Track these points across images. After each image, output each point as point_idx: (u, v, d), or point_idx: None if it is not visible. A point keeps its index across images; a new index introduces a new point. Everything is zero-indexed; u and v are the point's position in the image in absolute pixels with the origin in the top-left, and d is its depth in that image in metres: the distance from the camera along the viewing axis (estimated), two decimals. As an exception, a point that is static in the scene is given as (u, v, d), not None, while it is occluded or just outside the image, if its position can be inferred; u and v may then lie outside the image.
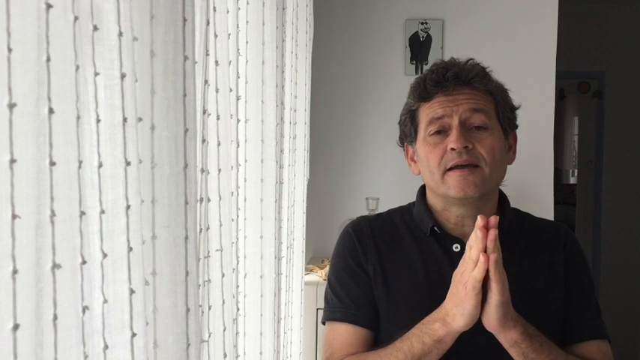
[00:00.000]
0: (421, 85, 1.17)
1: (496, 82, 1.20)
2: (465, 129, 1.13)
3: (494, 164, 1.13)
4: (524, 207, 1.30)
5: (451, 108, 1.14)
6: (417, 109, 1.19)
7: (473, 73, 1.15)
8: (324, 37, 2.49)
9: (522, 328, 1.03)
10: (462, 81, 1.15)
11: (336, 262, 1.26)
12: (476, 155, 1.12)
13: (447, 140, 1.13)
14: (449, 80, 1.14)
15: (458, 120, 1.13)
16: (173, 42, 0.74)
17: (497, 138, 1.15)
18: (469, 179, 1.11)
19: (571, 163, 6.78)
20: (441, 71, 1.16)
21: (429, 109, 1.16)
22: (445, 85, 1.15)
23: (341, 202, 2.64)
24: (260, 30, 1.37)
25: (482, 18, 2.58)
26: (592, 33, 4.27)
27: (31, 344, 0.51)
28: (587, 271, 1.24)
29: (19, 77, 0.49)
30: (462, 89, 1.15)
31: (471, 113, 1.13)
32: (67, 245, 0.55)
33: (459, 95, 1.15)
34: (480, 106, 1.14)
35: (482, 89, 1.16)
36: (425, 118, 1.17)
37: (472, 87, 1.15)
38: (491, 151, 1.13)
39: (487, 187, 1.15)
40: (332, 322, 1.22)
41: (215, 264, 0.99)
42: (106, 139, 0.64)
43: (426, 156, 1.16)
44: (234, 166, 1.12)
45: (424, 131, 1.17)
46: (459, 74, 1.15)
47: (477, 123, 1.14)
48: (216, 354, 1.00)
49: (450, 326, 1.03)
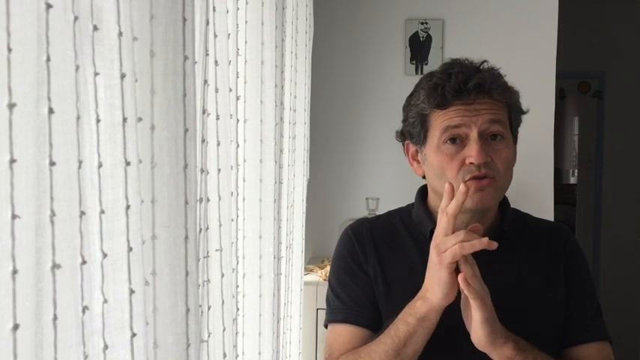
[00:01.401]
0: (439, 91, 1.12)
1: (512, 89, 1.17)
2: (482, 140, 1.11)
3: (507, 175, 1.14)
4: (524, 207, 1.30)
5: (470, 118, 1.10)
6: (430, 114, 1.15)
7: (495, 84, 1.12)
8: (324, 37, 2.49)
9: (514, 344, 1.03)
10: (483, 91, 1.11)
11: (337, 264, 1.26)
12: (493, 168, 1.11)
13: (465, 152, 1.10)
14: (470, 90, 1.10)
15: (477, 132, 1.10)
16: (173, 42, 0.74)
17: (510, 147, 1.15)
18: (487, 191, 1.10)
19: (571, 163, 6.78)
20: (461, 78, 1.10)
21: (445, 116, 1.12)
22: (466, 94, 1.10)
23: (341, 202, 2.63)
24: (259, 30, 1.37)
25: (482, 18, 2.58)
26: (592, 33, 4.27)
27: (31, 344, 0.51)
28: (587, 272, 1.24)
29: (19, 77, 0.49)
30: (483, 99, 1.11)
31: (489, 124, 1.11)
32: (66, 245, 0.55)
33: (479, 105, 1.11)
34: (498, 116, 1.12)
35: (501, 99, 1.14)
36: (439, 125, 1.13)
37: (492, 97, 1.12)
38: (506, 164, 1.12)
39: (500, 196, 1.16)
40: (333, 324, 1.22)
41: (215, 264, 0.99)
42: (106, 139, 0.64)
43: (440, 165, 1.13)
44: (234, 166, 1.12)
45: (438, 138, 1.13)
46: (482, 85, 1.10)
47: (494, 132, 1.12)
48: (215, 354, 1.00)
49: (429, 301, 1.04)
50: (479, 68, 1.15)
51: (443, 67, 1.16)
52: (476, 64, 1.16)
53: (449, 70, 1.13)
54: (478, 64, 1.16)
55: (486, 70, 1.15)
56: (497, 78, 1.14)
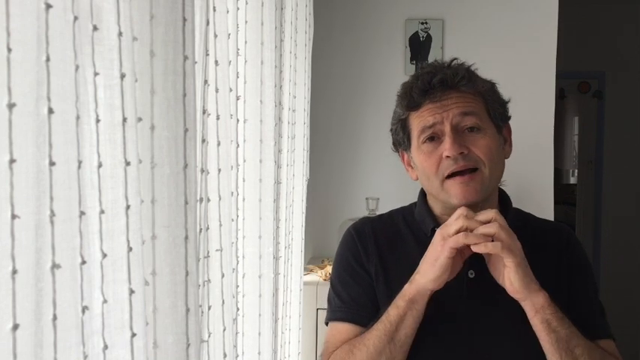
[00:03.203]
0: (408, 94, 1.16)
1: (482, 80, 1.18)
2: (457, 134, 1.12)
3: (492, 164, 1.13)
4: (525, 207, 1.30)
5: (441, 115, 1.13)
6: (407, 118, 1.19)
7: (459, 76, 1.14)
8: (324, 37, 2.49)
9: (547, 294, 1.05)
10: (449, 86, 1.14)
11: (338, 263, 1.27)
12: (473, 159, 1.12)
13: (441, 147, 1.13)
14: (435, 87, 1.13)
15: (449, 126, 1.12)
16: (173, 42, 0.74)
17: (492, 136, 1.15)
18: (470, 185, 1.11)
19: (571, 163, 6.78)
20: (426, 78, 1.14)
21: (419, 117, 1.15)
22: (432, 92, 1.13)
23: (341, 202, 2.63)
24: (259, 30, 1.37)
25: (482, 18, 2.58)
26: (592, 33, 4.27)
27: (30, 344, 0.51)
28: (590, 271, 1.24)
29: (18, 77, 0.49)
30: (450, 94, 1.14)
31: (461, 117, 1.13)
32: (66, 245, 0.55)
33: (447, 101, 1.13)
34: (469, 108, 1.13)
35: (470, 91, 1.15)
36: (416, 127, 1.16)
37: (459, 90, 1.14)
38: (488, 152, 1.13)
39: (489, 188, 1.15)
40: (333, 322, 1.23)
41: (215, 264, 0.99)
42: (106, 139, 0.64)
43: (422, 165, 1.16)
44: (234, 166, 1.12)
45: (417, 140, 1.17)
46: (445, 80, 1.13)
47: (468, 125, 1.13)
48: (215, 354, 1.00)
49: (417, 282, 1.07)
50: (447, 66, 1.18)
51: (415, 72, 1.22)
52: (445, 62, 1.19)
53: (417, 74, 1.18)
54: (447, 62, 1.19)
55: (453, 66, 1.18)
56: (461, 71, 1.16)
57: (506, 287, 1.05)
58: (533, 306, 1.05)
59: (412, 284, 1.08)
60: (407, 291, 1.08)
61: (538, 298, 1.04)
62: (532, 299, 1.04)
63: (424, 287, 1.06)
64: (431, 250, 1.08)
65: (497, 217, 1.03)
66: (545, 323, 1.04)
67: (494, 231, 1.02)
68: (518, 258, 1.03)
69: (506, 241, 1.02)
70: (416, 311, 1.07)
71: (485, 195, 1.14)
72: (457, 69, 1.16)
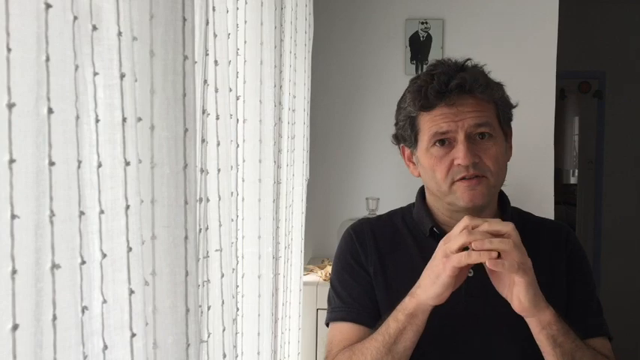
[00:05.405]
0: (422, 93, 1.13)
1: (496, 84, 1.17)
2: (470, 141, 1.12)
3: (498, 172, 1.14)
4: (525, 207, 1.30)
5: (456, 123, 1.11)
6: (417, 117, 1.17)
7: (477, 83, 1.12)
8: (324, 36, 2.49)
9: (554, 310, 1.04)
10: (465, 90, 1.12)
11: (338, 263, 1.27)
12: (482, 168, 1.12)
13: (453, 154, 1.12)
14: (452, 91, 1.11)
15: (464, 135, 1.11)
16: (173, 42, 0.74)
17: (500, 145, 1.15)
18: (477, 189, 1.11)
19: (571, 163, 6.78)
20: (443, 79, 1.11)
21: (432, 121, 1.13)
22: (448, 95, 1.11)
23: (341, 202, 2.63)
24: (258, 30, 1.37)
25: (482, 18, 2.58)
26: (592, 33, 4.27)
27: (30, 344, 0.51)
28: (588, 270, 1.24)
29: (18, 77, 0.49)
30: (466, 99, 1.12)
31: (475, 127, 1.12)
32: (66, 245, 0.55)
33: (462, 107, 1.12)
34: (483, 119, 1.12)
35: (485, 98, 1.14)
36: (427, 130, 1.14)
37: (475, 97, 1.13)
38: (496, 162, 1.13)
39: (493, 194, 1.17)
40: (334, 322, 1.23)
41: (214, 264, 0.99)
42: (106, 139, 0.64)
43: (431, 168, 1.15)
44: (234, 166, 1.12)
45: (427, 142, 1.15)
46: (463, 85, 1.11)
47: (481, 132, 1.13)
48: (215, 354, 1.00)
49: (417, 298, 1.05)
50: (462, 67, 1.16)
51: (427, 69, 1.18)
52: (460, 63, 1.17)
53: (432, 72, 1.15)
54: (462, 63, 1.17)
55: (469, 68, 1.16)
56: (478, 76, 1.14)
57: (513, 304, 1.03)
58: (540, 323, 1.04)
59: (413, 298, 1.06)
60: (408, 305, 1.06)
61: (545, 316, 1.03)
62: (539, 317, 1.03)
63: (425, 303, 1.05)
64: (432, 265, 1.05)
65: (513, 234, 1.00)
66: (551, 339, 1.04)
67: (507, 249, 0.98)
68: (530, 277, 1.00)
69: (520, 260, 0.99)
70: (416, 325, 1.06)
71: (489, 199, 1.16)
72: (475, 74, 1.14)
